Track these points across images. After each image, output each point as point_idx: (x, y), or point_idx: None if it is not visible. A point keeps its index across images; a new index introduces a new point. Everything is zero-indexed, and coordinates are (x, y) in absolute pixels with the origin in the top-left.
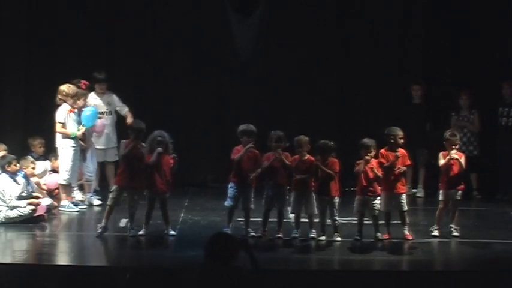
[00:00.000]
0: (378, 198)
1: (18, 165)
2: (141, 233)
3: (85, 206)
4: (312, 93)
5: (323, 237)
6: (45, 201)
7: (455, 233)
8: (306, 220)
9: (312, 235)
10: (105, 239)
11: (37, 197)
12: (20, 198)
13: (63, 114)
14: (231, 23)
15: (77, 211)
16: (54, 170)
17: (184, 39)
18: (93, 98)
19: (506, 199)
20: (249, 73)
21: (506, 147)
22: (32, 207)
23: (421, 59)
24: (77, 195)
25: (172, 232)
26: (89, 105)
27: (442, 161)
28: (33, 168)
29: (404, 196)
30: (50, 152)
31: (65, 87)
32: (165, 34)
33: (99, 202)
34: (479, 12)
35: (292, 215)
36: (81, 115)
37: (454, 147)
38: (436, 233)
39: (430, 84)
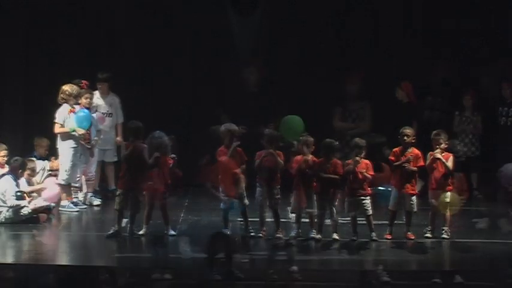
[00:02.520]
0: (368, 198)
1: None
2: (141, 233)
3: (85, 206)
4: (312, 93)
5: (319, 237)
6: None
7: (445, 235)
8: (307, 220)
9: (312, 235)
10: (105, 239)
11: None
12: (18, 198)
13: (63, 114)
14: (231, 23)
15: (77, 211)
16: (52, 170)
17: (185, 39)
18: (96, 98)
19: (506, 199)
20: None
21: (506, 147)
22: (34, 205)
23: (420, 59)
24: (79, 194)
25: (172, 232)
26: (93, 104)
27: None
28: (30, 175)
29: (414, 198)
30: (50, 153)
31: (68, 87)
32: (165, 34)
33: (99, 202)
34: (479, 12)
35: (292, 215)
36: (75, 119)
37: (438, 146)
38: (429, 234)
39: (427, 84)
